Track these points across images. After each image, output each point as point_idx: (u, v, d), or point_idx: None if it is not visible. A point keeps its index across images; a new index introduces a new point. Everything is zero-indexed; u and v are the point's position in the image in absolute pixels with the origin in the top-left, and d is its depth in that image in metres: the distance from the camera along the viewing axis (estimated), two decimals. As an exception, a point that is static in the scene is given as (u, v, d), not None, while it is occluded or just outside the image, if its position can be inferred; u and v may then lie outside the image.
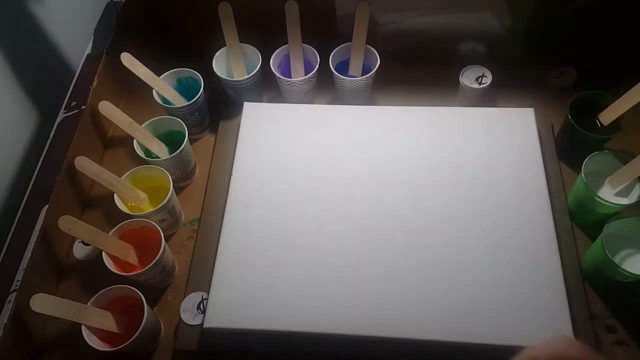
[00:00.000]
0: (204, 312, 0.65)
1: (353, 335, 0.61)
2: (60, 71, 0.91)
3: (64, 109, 0.80)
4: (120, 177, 0.70)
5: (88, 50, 0.87)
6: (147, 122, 0.76)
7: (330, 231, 0.68)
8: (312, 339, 0.62)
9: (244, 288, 0.65)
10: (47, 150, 0.76)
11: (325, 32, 0.83)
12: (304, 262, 0.66)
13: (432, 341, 0.60)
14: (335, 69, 0.79)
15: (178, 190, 0.78)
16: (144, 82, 0.76)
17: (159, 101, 0.78)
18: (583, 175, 0.66)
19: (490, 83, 0.78)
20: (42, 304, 0.57)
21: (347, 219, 0.68)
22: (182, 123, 0.76)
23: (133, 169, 0.72)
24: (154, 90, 0.78)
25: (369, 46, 0.79)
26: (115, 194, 0.69)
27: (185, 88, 0.82)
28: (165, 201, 0.68)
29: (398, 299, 0.62)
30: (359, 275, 0.64)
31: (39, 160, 0.76)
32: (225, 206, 0.71)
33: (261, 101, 0.86)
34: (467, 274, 0.63)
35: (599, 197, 0.65)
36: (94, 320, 0.60)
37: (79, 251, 0.75)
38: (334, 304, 0.63)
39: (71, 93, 0.82)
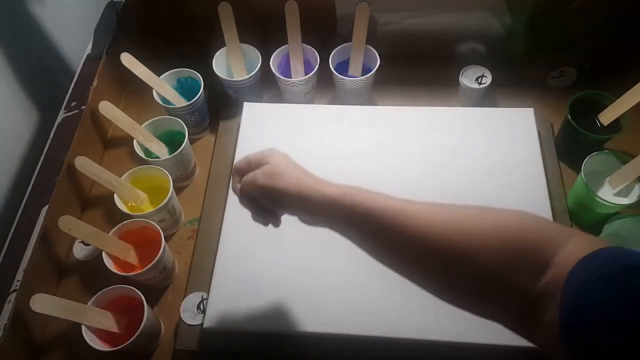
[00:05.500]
0: (204, 312, 0.65)
1: (353, 336, 0.61)
2: (60, 71, 0.91)
3: (64, 109, 0.80)
4: (120, 177, 0.70)
5: (88, 51, 0.87)
6: (147, 122, 0.76)
7: (331, 231, 0.68)
8: (312, 340, 0.62)
9: (243, 288, 0.65)
10: (47, 150, 0.76)
11: (325, 32, 0.83)
12: (304, 262, 0.66)
13: (431, 341, 0.60)
14: (335, 69, 0.79)
15: (178, 190, 0.78)
16: (144, 82, 0.76)
17: (159, 101, 0.78)
18: (583, 175, 0.66)
19: (490, 83, 0.78)
20: (42, 304, 0.57)
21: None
22: (182, 123, 0.76)
23: (133, 169, 0.72)
24: (154, 90, 0.78)
25: (369, 46, 0.79)
26: (115, 194, 0.69)
27: (185, 88, 0.82)
28: (165, 201, 0.68)
29: (397, 299, 0.62)
30: (358, 275, 0.64)
31: (39, 160, 0.76)
32: (225, 206, 0.71)
33: (261, 101, 0.86)
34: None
35: (599, 197, 0.65)
36: (94, 320, 0.60)
37: (79, 251, 0.75)
38: (333, 304, 0.63)
39: (71, 93, 0.82)
